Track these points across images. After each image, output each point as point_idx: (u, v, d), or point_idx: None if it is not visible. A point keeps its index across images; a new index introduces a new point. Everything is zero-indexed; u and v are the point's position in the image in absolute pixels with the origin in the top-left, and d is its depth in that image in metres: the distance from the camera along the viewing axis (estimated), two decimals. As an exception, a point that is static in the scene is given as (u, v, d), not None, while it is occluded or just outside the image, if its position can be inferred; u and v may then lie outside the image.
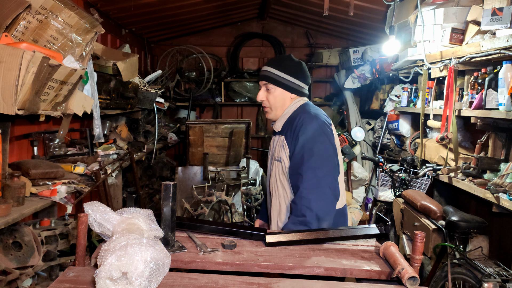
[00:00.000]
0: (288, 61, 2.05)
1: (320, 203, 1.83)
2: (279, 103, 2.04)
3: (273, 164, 2.06)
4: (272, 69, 2.02)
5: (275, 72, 2.02)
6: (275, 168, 2.03)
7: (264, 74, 2.04)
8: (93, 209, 1.34)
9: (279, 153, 2.01)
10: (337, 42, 6.13)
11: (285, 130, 2.02)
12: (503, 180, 2.45)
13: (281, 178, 2.00)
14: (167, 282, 1.22)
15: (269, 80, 2.02)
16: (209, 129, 4.48)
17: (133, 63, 3.36)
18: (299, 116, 1.96)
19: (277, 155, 2.03)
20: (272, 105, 2.05)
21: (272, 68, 2.03)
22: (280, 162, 2.00)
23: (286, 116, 2.04)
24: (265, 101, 2.06)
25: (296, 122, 1.95)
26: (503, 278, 2.19)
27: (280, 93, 2.03)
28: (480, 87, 2.84)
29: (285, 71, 2.02)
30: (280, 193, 2.02)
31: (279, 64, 2.03)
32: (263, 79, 2.04)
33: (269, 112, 2.08)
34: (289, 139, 1.96)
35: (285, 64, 2.04)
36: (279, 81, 2.01)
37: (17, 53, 1.72)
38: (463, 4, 3.05)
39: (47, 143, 2.82)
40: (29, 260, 2.01)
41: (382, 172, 3.75)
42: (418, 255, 1.31)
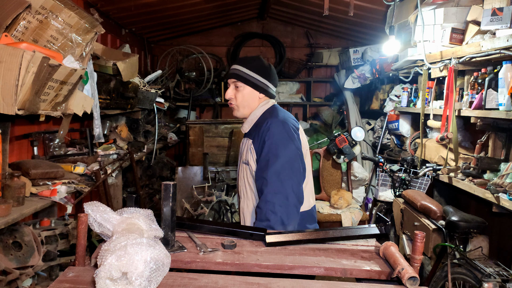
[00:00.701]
0: (257, 61, 2.06)
1: (284, 207, 1.84)
2: (246, 102, 2.05)
3: (241, 166, 2.06)
4: (242, 68, 2.03)
5: (244, 71, 2.02)
6: (243, 170, 2.04)
7: (234, 72, 2.04)
8: (93, 209, 1.34)
9: (246, 156, 2.02)
10: (337, 42, 6.14)
11: (253, 133, 2.02)
12: (503, 180, 2.45)
13: (249, 180, 2.01)
14: (167, 282, 1.22)
15: (239, 78, 2.02)
16: (209, 129, 4.49)
17: (133, 63, 3.36)
18: (267, 121, 1.96)
19: (244, 158, 2.03)
20: (239, 103, 2.05)
21: (241, 67, 2.03)
22: (247, 165, 2.00)
23: (254, 119, 2.04)
24: (233, 98, 2.06)
25: (263, 127, 1.95)
26: (503, 278, 2.19)
27: (248, 92, 2.03)
28: (480, 87, 2.84)
29: (254, 70, 2.02)
30: (248, 195, 2.03)
31: (249, 63, 2.04)
32: (232, 77, 2.04)
33: (236, 109, 2.08)
34: (256, 143, 1.97)
35: (255, 63, 2.05)
36: (248, 80, 2.02)
37: (17, 53, 1.72)
38: (463, 4, 3.05)
39: (47, 143, 2.82)
40: (29, 260, 2.01)
41: (382, 172, 3.75)
42: (418, 255, 1.31)
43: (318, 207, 3.99)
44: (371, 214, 4.01)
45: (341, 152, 3.94)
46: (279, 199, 1.84)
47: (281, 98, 6.10)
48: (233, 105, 2.08)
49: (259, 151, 1.95)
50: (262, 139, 1.93)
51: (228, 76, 2.09)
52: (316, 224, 2.13)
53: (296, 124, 2.04)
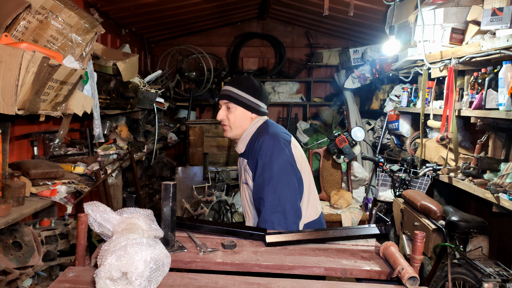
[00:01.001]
0: (248, 81, 2.06)
1: (283, 226, 1.84)
2: (239, 122, 2.04)
3: (242, 187, 2.07)
4: (234, 89, 2.03)
5: (236, 92, 2.02)
6: (244, 191, 2.05)
7: (225, 94, 2.04)
8: (93, 209, 1.34)
9: (244, 176, 2.02)
10: (337, 42, 6.14)
11: (247, 153, 2.02)
12: (503, 180, 2.45)
13: (250, 200, 2.02)
14: (167, 282, 1.22)
15: (230, 99, 2.02)
16: (209, 129, 4.49)
17: (133, 63, 3.36)
18: (258, 139, 1.96)
19: (243, 179, 2.04)
20: (232, 124, 2.04)
21: (233, 88, 2.03)
22: (247, 185, 2.01)
23: (247, 138, 2.04)
24: (225, 119, 2.05)
25: (255, 145, 1.95)
26: (503, 278, 2.19)
27: (240, 113, 2.03)
28: (480, 87, 2.84)
29: (246, 91, 2.02)
30: (250, 215, 2.04)
31: (240, 84, 2.04)
32: (224, 98, 2.04)
33: (228, 131, 2.07)
34: (250, 163, 1.98)
35: (246, 84, 2.05)
36: (240, 100, 2.02)
37: (17, 53, 1.72)
38: (463, 4, 3.05)
39: (47, 143, 2.82)
40: (29, 260, 2.01)
41: (382, 172, 3.75)
42: (418, 255, 1.31)
43: (318, 207, 3.98)
44: (371, 214, 4.01)
45: (341, 152, 3.94)
46: (277, 217, 1.84)
47: (281, 98, 6.10)
48: (226, 126, 2.07)
49: (253, 169, 1.96)
50: (255, 158, 1.93)
51: (219, 97, 2.08)
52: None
53: (288, 138, 2.02)
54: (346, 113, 5.74)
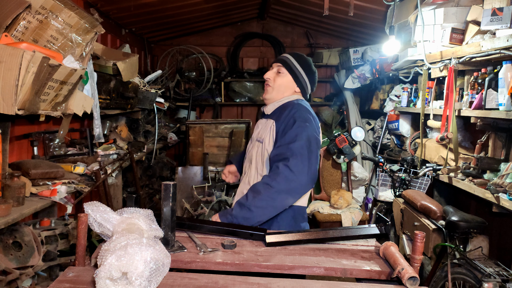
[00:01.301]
0: (307, 60, 2.14)
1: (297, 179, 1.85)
2: (283, 88, 2.09)
3: (254, 144, 2.10)
4: (292, 58, 2.10)
5: (293, 62, 2.09)
6: (255, 148, 2.07)
7: (282, 59, 2.10)
8: (93, 209, 1.34)
9: (263, 134, 2.04)
10: (337, 42, 6.13)
11: (276, 114, 2.05)
12: (503, 180, 2.45)
13: (258, 159, 2.04)
14: (167, 282, 1.22)
15: (285, 64, 2.08)
16: (209, 129, 4.49)
17: (133, 63, 3.36)
18: (293, 105, 2.01)
19: (260, 136, 2.06)
20: (276, 86, 2.08)
21: (291, 57, 2.10)
22: (261, 143, 2.03)
23: (280, 103, 2.08)
24: (270, 80, 2.10)
25: (290, 109, 2.00)
26: (503, 278, 2.19)
27: (288, 81, 2.09)
28: (480, 87, 2.84)
29: (302, 66, 2.09)
30: (252, 172, 2.05)
31: (299, 57, 2.12)
32: (279, 61, 2.10)
33: (269, 91, 2.10)
34: (280, 122, 1.98)
35: (304, 60, 2.13)
36: (293, 70, 2.08)
37: (17, 53, 1.72)
38: (463, 4, 3.05)
39: (47, 143, 2.82)
40: (29, 260, 2.01)
41: (382, 172, 3.75)
42: (418, 255, 1.31)
43: (318, 207, 3.99)
44: (371, 214, 4.01)
45: (341, 152, 3.93)
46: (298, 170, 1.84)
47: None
48: (269, 87, 2.10)
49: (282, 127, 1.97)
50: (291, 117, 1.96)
51: (275, 61, 2.14)
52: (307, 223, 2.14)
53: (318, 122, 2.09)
54: (346, 113, 5.74)
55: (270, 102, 2.12)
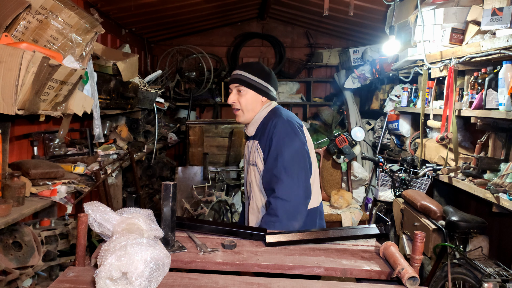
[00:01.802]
0: (258, 66, 2.11)
1: (292, 204, 1.89)
2: (250, 106, 2.07)
3: (249, 168, 2.09)
4: (244, 73, 2.06)
5: (246, 75, 2.06)
6: (251, 172, 2.07)
7: (236, 77, 2.07)
8: (93, 209, 1.34)
9: (253, 157, 2.05)
10: (337, 42, 6.14)
11: (258, 134, 2.06)
12: (503, 180, 2.45)
13: (257, 181, 2.04)
14: (167, 282, 1.22)
15: (241, 82, 2.05)
16: (209, 129, 4.49)
17: (133, 63, 3.36)
18: (272, 120, 2.00)
19: (251, 160, 2.06)
20: (243, 107, 2.07)
21: (243, 72, 2.07)
22: (255, 166, 2.04)
23: (258, 121, 2.07)
24: (236, 103, 2.08)
25: (269, 126, 1.99)
26: (503, 278, 2.19)
27: (251, 96, 2.06)
28: (480, 87, 2.84)
29: (256, 75, 2.06)
30: (257, 196, 2.05)
31: (250, 68, 2.08)
32: (235, 81, 2.07)
33: (240, 115, 2.10)
34: (262, 142, 2.00)
35: (256, 68, 2.09)
36: (251, 84, 2.05)
37: (17, 53, 1.72)
38: (463, 4, 3.05)
39: (47, 143, 2.82)
40: (29, 260, 2.01)
41: (382, 172, 3.75)
42: (418, 255, 1.31)
43: (318, 207, 3.98)
44: (371, 214, 4.01)
45: (341, 152, 3.93)
46: (289, 195, 1.88)
47: (281, 98, 6.10)
48: (238, 111, 2.09)
49: (266, 149, 1.98)
50: (269, 137, 1.97)
51: (230, 81, 2.11)
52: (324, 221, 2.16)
53: (300, 122, 2.09)
54: (346, 113, 5.74)
55: (247, 123, 2.12)
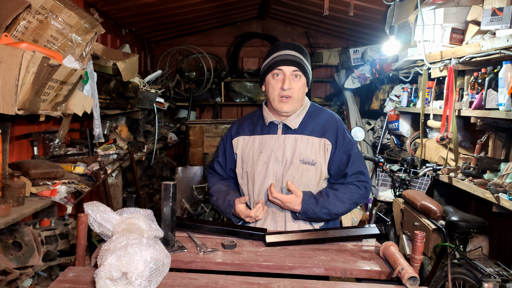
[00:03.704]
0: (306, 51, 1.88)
1: (370, 183, 1.91)
2: (302, 95, 1.84)
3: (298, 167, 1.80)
4: (301, 56, 1.80)
5: (304, 60, 1.81)
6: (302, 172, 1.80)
7: (294, 60, 1.78)
8: (93, 209, 1.34)
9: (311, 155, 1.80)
10: (337, 42, 6.14)
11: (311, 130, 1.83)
12: (503, 180, 2.45)
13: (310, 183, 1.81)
14: (167, 282, 1.22)
15: (300, 67, 1.78)
16: (209, 129, 4.49)
17: (133, 63, 3.36)
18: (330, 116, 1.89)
19: (306, 157, 1.80)
20: (296, 96, 1.80)
21: (300, 55, 1.80)
22: (313, 166, 1.80)
23: (303, 114, 1.86)
24: (291, 89, 1.79)
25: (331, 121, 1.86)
26: (503, 278, 2.19)
27: (303, 84, 1.83)
28: (480, 87, 2.84)
29: (308, 62, 1.85)
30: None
31: (304, 52, 1.84)
32: (294, 64, 1.77)
33: (292, 104, 1.80)
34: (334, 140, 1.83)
35: (307, 54, 1.87)
36: (307, 71, 1.82)
37: (17, 53, 1.72)
38: (463, 4, 3.05)
39: (47, 143, 2.82)
40: (29, 260, 2.01)
41: (382, 172, 3.75)
42: (418, 255, 1.31)
43: (318, 207, 3.98)
44: (371, 214, 4.01)
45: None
46: (369, 179, 1.89)
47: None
48: (289, 98, 1.79)
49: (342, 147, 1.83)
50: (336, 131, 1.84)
51: (284, 63, 1.78)
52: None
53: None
54: (346, 113, 5.74)
55: (290, 114, 1.84)
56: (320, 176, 1.82)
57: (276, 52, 1.82)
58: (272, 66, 1.80)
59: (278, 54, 1.81)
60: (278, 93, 1.80)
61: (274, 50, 1.85)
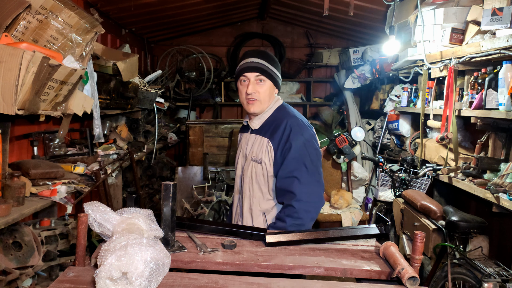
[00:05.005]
0: (272, 55, 2.05)
1: (316, 205, 1.90)
2: (268, 97, 2.00)
3: (250, 164, 2.01)
4: (263, 61, 1.98)
5: (266, 64, 1.98)
6: (252, 168, 2.00)
7: (256, 66, 1.97)
8: (93, 209, 1.34)
9: (259, 154, 1.98)
10: (337, 42, 6.14)
11: (265, 130, 1.99)
12: (503, 180, 2.45)
13: (259, 179, 1.98)
14: (167, 282, 1.22)
15: (262, 72, 1.97)
16: (209, 129, 4.49)
17: (133, 63, 3.36)
18: (286, 120, 1.96)
19: (255, 156, 1.99)
20: (262, 98, 1.99)
21: (262, 60, 1.98)
22: (259, 164, 1.97)
23: (266, 115, 2.02)
24: (256, 93, 1.98)
25: (282, 126, 1.94)
26: (503, 278, 2.19)
27: (269, 87, 2.00)
28: (480, 87, 2.84)
29: (273, 65, 2.00)
30: (256, 195, 2.01)
31: (267, 57, 2.01)
32: (256, 70, 1.97)
33: (258, 106, 2.00)
34: (276, 143, 1.94)
35: (272, 58, 2.03)
36: (270, 74, 1.99)
37: (17, 53, 1.72)
38: (463, 4, 3.05)
39: (47, 143, 2.82)
40: (29, 260, 2.01)
41: (382, 172, 3.75)
42: (418, 255, 1.31)
43: (318, 207, 3.98)
44: (371, 214, 4.01)
45: (341, 152, 3.93)
46: (313, 198, 1.89)
47: (281, 98, 6.10)
48: (255, 101, 1.99)
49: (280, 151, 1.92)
50: (286, 139, 1.91)
51: (247, 69, 1.98)
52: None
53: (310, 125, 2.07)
54: (346, 113, 5.74)
55: (259, 113, 2.03)
56: (266, 174, 1.98)
57: (242, 61, 2.03)
58: (239, 74, 2.03)
59: (243, 62, 2.02)
60: (245, 96, 2.01)
61: (242, 59, 2.05)
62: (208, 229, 1.65)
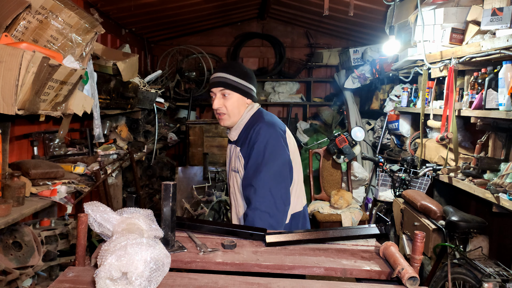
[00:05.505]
0: (240, 66, 2.06)
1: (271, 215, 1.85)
2: (236, 110, 2.02)
3: (231, 174, 2.06)
4: (227, 75, 1.99)
5: (230, 78, 1.99)
6: (233, 178, 2.04)
7: (220, 81, 1.99)
8: (93, 209, 1.34)
9: (235, 164, 2.02)
10: (337, 42, 6.14)
11: (240, 140, 2.02)
12: (503, 180, 2.45)
13: (240, 189, 2.01)
14: (167, 282, 1.22)
15: (226, 86, 1.98)
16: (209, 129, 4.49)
17: (133, 63, 3.36)
18: (254, 126, 1.96)
19: (234, 166, 2.03)
20: (230, 112, 2.01)
21: (227, 74, 2.00)
22: (237, 173, 2.01)
23: (241, 125, 2.03)
24: (222, 107, 2.00)
25: (251, 132, 1.95)
26: (503, 278, 2.19)
27: (237, 99, 2.01)
28: (480, 87, 2.84)
29: (239, 76, 2.01)
30: (239, 203, 2.02)
31: (232, 69, 2.02)
32: (219, 85, 1.99)
33: (227, 119, 2.03)
34: (244, 150, 1.97)
35: (239, 69, 2.03)
36: (236, 86, 1.99)
37: (17, 53, 1.72)
38: (463, 4, 3.05)
39: (47, 143, 2.82)
40: (29, 260, 2.01)
41: (382, 172, 3.75)
42: (418, 255, 1.31)
43: (318, 207, 3.99)
44: (371, 214, 4.01)
45: (341, 152, 3.94)
46: (268, 206, 1.85)
47: (281, 98, 6.10)
48: (224, 115, 2.02)
49: (247, 157, 1.95)
50: (251, 145, 1.93)
51: (213, 85, 2.02)
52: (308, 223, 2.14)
53: (283, 127, 2.04)
54: (346, 113, 5.74)
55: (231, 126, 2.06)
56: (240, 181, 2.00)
57: (211, 77, 2.08)
58: (208, 90, 2.10)
59: (211, 78, 2.08)
60: (215, 111, 2.06)
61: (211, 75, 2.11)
62: (208, 229, 1.65)
